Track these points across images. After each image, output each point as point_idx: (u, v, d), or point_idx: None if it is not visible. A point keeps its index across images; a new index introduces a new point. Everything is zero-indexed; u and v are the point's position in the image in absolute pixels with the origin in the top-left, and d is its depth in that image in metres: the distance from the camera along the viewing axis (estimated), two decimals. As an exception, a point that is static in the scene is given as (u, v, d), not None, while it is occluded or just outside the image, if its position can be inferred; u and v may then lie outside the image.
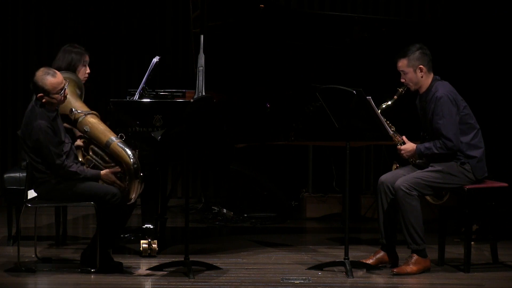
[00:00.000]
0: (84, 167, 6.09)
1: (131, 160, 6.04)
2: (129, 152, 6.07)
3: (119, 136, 6.16)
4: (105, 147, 6.10)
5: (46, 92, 5.95)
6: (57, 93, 5.97)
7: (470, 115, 6.27)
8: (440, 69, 6.82)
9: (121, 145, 6.09)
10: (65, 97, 6.03)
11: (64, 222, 7.31)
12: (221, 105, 6.77)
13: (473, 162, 6.20)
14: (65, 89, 6.01)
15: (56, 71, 6.04)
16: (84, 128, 6.14)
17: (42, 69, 6.04)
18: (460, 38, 7.73)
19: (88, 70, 6.64)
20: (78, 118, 6.16)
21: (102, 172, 6.07)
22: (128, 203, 6.11)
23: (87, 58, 6.64)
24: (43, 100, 5.97)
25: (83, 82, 6.60)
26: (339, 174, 8.77)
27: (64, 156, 6.01)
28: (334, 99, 6.22)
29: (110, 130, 6.17)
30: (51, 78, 5.96)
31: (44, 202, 6.14)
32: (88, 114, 6.17)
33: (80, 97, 6.29)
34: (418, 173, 6.21)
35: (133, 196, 6.08)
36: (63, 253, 6.79)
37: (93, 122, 6.16)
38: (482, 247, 6.92)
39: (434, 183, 6.18)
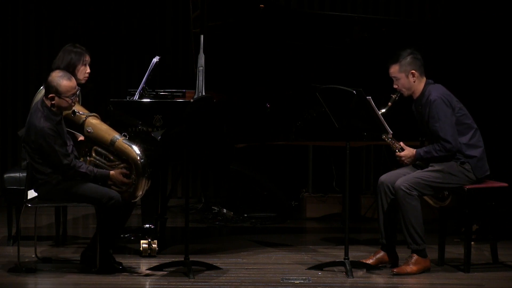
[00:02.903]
0: (93, 167, 6.11)
1: (138, 155, 6.06)
2: (135, 148, 6.08)
3: (123, 135, 6.17)
4: (110, 145, 6.10)
5: (59, 93, 5.98)
6: (69, 97, 6.00)
7: (467, 115, 6.27)
8: (440, 69, 6.83)
9: (127, 142, 6.11)
10: (74, 103, 6.06)
11: (64, 222, 7.31)
12: (221, 105, 6.77)
13: (473, 162, 6.20)
14: (76, 95, 6.05)
15: (72, 76, 6.08)
16: (87, 129, 6.15)
17: (58, 71, 6.13)
18: (460, 38, 7.73)
19: (88, 70, 6.64)
20: (80, 120, 6.17)
21: (111, 172, 6.07)
22: (133, 200, 6.11)
23: (87, 58, 6.63)
24: (53, 101, 5.99)
25: (83, 81, 6.60)
26: (339, 174, 8.77)
27: (72, 156, 6.02)
28: (334, 99, 6.22)
29: (113, 129, 6.18)
30: (66, 81, 6.02)
31: (44, 202, 6.14)
32: (90, 116, 6.19)
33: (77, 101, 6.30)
34: (418, 173, 6.21)
35: (140, 193, 6.08)
36: (63, 253, 6.79)
37: (95, 122, 6.17)
38: (482, 247, 6.92)
39: (434, 183, 6.18)
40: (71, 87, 6.02)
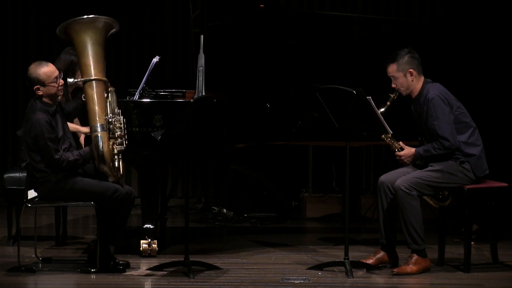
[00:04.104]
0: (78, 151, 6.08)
1: (97, 156, 6.03)
2: (100, 149, 6.00)
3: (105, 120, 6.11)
4: (91, 131, 6.10)
5: (42, 82, 5.98)
6: (53, 82, 6.00)
7: (465, 114, 6.27)
8: (440, 69, 6.82)
9: (99, 139, 6.03)
10: (61, 86, 6.04)
11: (64, 222, 7.31)
12: (221, 105, 6.77)
13: (472, 161, 6.20)
14: (60, 77, 6.04)
15: (48, 62, 6.08)
16: (82, 96, 6.14)
17: (33, 62, 6.10)
18: (460, 38, 7.73)
19: None
20: (80, 86, 6.13)
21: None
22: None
23: None
24: (40, 92, 5.98)
25: (81, 85, 6.56)
26: (339, 174, 8.77)
27: (61, 151, 6.00)
28: (334, 99, 6.23)
29: (102, 112, 6.09)
30: (44, 67, 6.02)
31: (44, 202, 6.14)
32: (92, 80, 6.08)
33: (105, 99, 6.21)
34: (418, 173, 6.21)
35: (111, 179, 6.07)
36: (63, 253, 6.79)
37: (90, 95, 6.09)
38: (482, 247, 6.92)
39: (434, 182, 6.18)
40: (50, 71, 6.02)
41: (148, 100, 6.82)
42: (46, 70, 6.01)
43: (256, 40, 7.37)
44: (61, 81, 6.07)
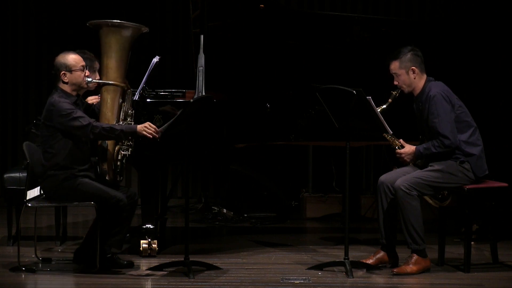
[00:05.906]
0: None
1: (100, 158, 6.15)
2: (105, 153, 6.13)
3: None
4: None
5: (69, 68, 6.03)
6: (79, 69, 6.04)
7: (466, 113, 6.27)
8: (441, 69, 6.82)
9: (105, 145, 6.14)
10: (86, 76, 6.07)
11: (64, 222, 7.31)
12: (221, 105, 6.77)
13: (472, 160, 6.20)
14: (87, 67, 6.10)
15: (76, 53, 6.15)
16: (98, 95, 6.23)
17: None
18: (460, 38, 7.74)
19: (97, 77, 6.56)
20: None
21: (138, 126, 6.02)
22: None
23: (96, 65, 6.57)
24: (66, 79, 6.00)
25: (92, 88, 6.56)
26: (339, 174, 8.77)
27: (87, 117, 5.98)
28: (334, 99, 6.23)
29: (113, 119, 6.16)
30: (72, 54, 6.10)
31: (45, 202, 6.13)
32: (109, 84, 6.16)
33: (120, 105, 6.23)
34: (418, 173, 6.21)
35: (108, 178, 6.15)
36: (63, 253, 6.79)
37: (104, 99, 6.15)
38: (482, 247, 6.92)
39: (434, 182, 6.18)
40: (79, 59, 6.08)
41: (148, 100, 6.81)
42: (74, 56, 6.09)
43: (256, 40, 7.38)
44: (87, 72, 6.11)
